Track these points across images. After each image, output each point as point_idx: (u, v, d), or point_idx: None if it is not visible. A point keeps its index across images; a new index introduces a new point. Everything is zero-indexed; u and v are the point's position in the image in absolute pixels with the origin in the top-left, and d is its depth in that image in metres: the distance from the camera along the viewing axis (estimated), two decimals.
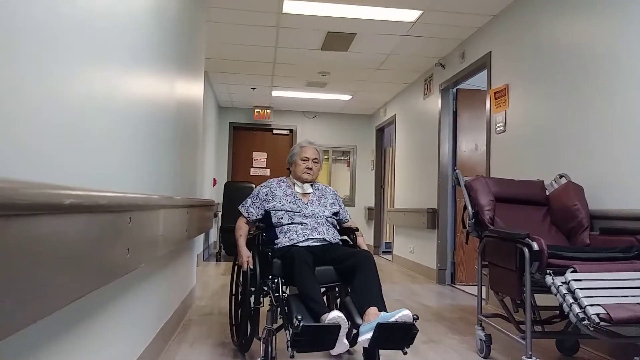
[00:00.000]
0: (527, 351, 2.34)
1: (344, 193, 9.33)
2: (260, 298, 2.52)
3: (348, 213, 2.99)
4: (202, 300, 4.23)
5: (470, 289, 5.10)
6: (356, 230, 2.87)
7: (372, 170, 8.98)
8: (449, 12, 4.42)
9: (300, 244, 2.63)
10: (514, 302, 2.68)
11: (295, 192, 2.85)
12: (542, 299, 2.77)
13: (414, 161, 6.71)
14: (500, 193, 2.97)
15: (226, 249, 7.08)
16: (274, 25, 4.86)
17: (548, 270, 2.26)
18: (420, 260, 6.26)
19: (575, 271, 2.20)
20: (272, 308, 2.46)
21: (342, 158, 9.50)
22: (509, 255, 2.48)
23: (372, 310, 2.21)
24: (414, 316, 2.13)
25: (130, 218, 1.55)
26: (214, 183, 7.92)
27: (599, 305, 2.05)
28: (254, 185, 6.40)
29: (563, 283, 2.18)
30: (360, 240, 2.81)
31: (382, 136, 8.75)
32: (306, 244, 2.64)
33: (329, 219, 2.81)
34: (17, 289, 0.85)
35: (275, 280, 2.46)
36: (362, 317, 2.21)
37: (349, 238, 2.86)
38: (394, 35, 5.06)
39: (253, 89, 7.50)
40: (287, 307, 2.28)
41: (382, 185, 8.68)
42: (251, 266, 2.61)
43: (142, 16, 1.97)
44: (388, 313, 2.17)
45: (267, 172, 8.87)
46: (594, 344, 2.87)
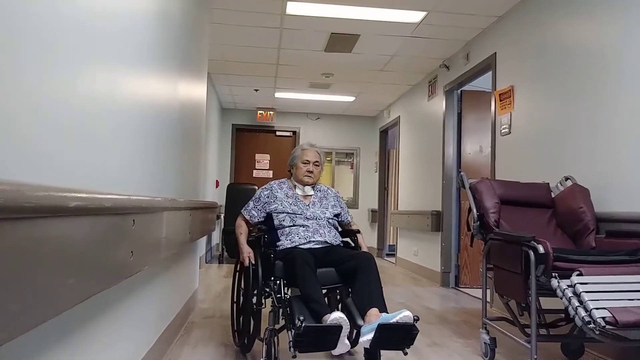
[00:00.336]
0: (533, 355, 2.32)
1: (348, 195, 9.32)
2: (262, 299, 2.54)
3: (350, 214, 2.99)
4: (204, 303, 4.22)
5: (475, 291, 5.08)
6: (357, 232, 2.88)
7: (376, 172, 8.97)
8: (453, 13, 4.41)
9: (302, 246, 2.65)
10: (519, 306, 2.66)
11: (297, 193, 2.86)
12: (547, 302, 2.75)
13: (418, 163, 6.69)
14: (506, 195, 2.96)
15: (228, 251, 7.07)
16: (278, 27, 4.85)
17: (554, 274, 2.25)
18: (424, 263, 6.24)
19: (581, 274, 2.18)
20: (274, 309, 2.47)
21: (346, 160, 9.49)
22: (514, 258, 2.47)
23: (373, 311, 2.23)
24: (415, 317, 2.15)
25: (134, 220, 1.54)
26: (217, 185, 7.92)
27: (604, 308, 2.03)
28: (256, 187, 6.38)
29: (569, 286, 2.16)
30: (360, 241, 2.82)
31: (386, 138, 8.74)
32: (308, 246, 2.66)
33: (330, 220, 2.83)
34: (23, 291, 0.85)
35: (278, 282, 2.48)
36: (363, 318, 2.23)
37: (351, 240, 2.86)
38: (398, 37, 5.06)
39: (256, 90, 7.50)
40: (289, 308, 2.30)
41: (386, 188, 8.67)
42: (253, 261, 2.64)
43: (145, 17, 1.97)
44: (389, 314, 2.19)
45: (270, 174, 8.87)
46: (600, 347, 2.85)
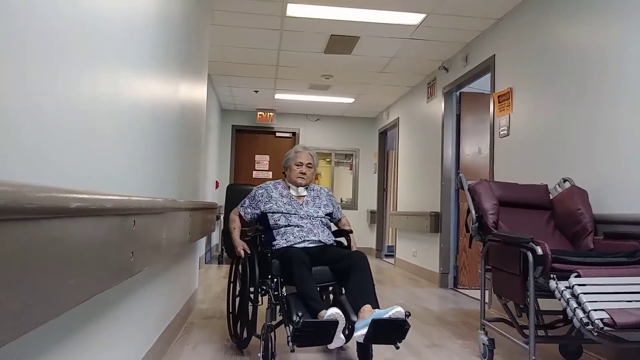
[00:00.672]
0: (531, 356, 2.33)
1: (347, 196, 9.33)
2: (259, 296, 2.65)
3: (341, 211, 3.13)
4: (204, 303, 4.23)
5: (473, 293, 5.09)
6: (350, 232, 3.00)
7: (375, 173, 8.98)
8: (452, 16, 4.43)
9: (297, 245, 2.75)
10: (517, 307, 2.67)
11: (291, 194, 2.99)
12: (545, 304, 2.76)
13: (416, 164, 6.70)
14: (504, 197, 2.97)
15: (228, 251, 7.05)
16: (278, 29, 4.87)
17: (552, 275, 2.26)
18: (422, 264, 6.25)
19: (579, 276, 2.19)
20: (271, 306, 2.55)
21: (345, 161, 9.50)
22: (512, 259, 2.48)
23: (367, 307, 2.35)
24: (406, 313, 2.26)
25: (134, 221, 1.55)
26: (217, 186, 7.92)
27: (602, 310, 2.04)
28: None
29: (567, 288, 2.17)
30: (352, 242, 2.95)
31: (385, 139, 8.75)
32: (302, 245, 2.77)
33: (323, 220, 2.95)
34: (24, 291, 0.86)
35: (275, 280, 2.56)
36: (356, 314, 2.35)
37: (346, 238, 2.98)
38: (397, 39, 5.07)
39: (256, 91, 7.51)
40: (286, 305, 2.39)
41: (385, 189, 8.68)
42: (248, 251, 2.78)
43: (147, 18, 1.98)
44: (382, 310, 2.30)
45: (269, 174, 8.87)
46: (598, 348, 2.86)
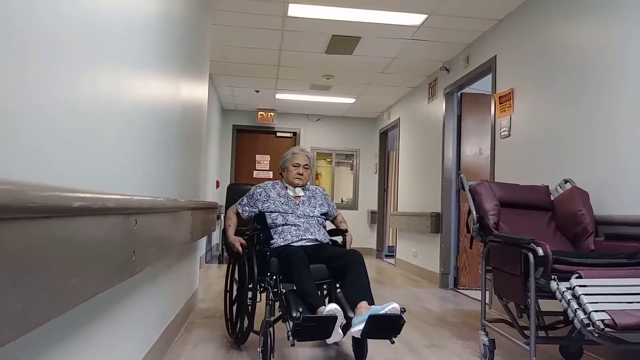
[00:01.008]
0: (531, 357, 2.33)
1: (347, 196, 9.33)
2: (257, 293, 2.75)
3: (336, 209, 3.24)
4: (204, 303, 4.23)
5: (473, 293, 5.09)
6: (345, 231, 3.09)
7: (376, 173, 8.98)
8: (454, 16, 4.43)
9: (295, 244, 2.84)
10: (518, 307, 2.67)
11: (288, 194, 3.08)
12: (545, 305, 2.76)
13: (417, 165, 6.70)
14: (505, 198, 2.97)
15: (228, 251, 7.06)
16: (279, 29, 4.87)
17: (553, 276, 2.25)
18: (423, 265, 6.25)
19: (580, 277, 2.19)
20: (270, 303, 2.62)
21: (346, 161, 9.50)
22: (513, 260, 2.48)
23: (363, 304, 2.43)
24: (402, 309, 2.36)
25: (136, 221, 1.55)
26: (217, 185, 7.93)
27: (603, 311, 2.03)
28: None
29: (568, 289, 2.17)
30: (348, 238, 3.04)
31: (386, 140, 8.75)
32: (300, 243, 2.85)
33: (319, 219, 3.05)
34: (27, 290, 0.86)
35: (274, 277, 2.63)
36: (353, 311, 2.43)
37: (342, 235, 3.08)
38: (398, 39, 5.07)
39: (257, 91, 7.51)
40: (286, 301, 2.47)
41: (386, 189, 8.68)
42: (245, 244, 2.87)
43: (148, 19, 1.98)
44: (378, 306, 2.39)
45: (270, 174, 8.87)
46: (598, 350, 2.86)
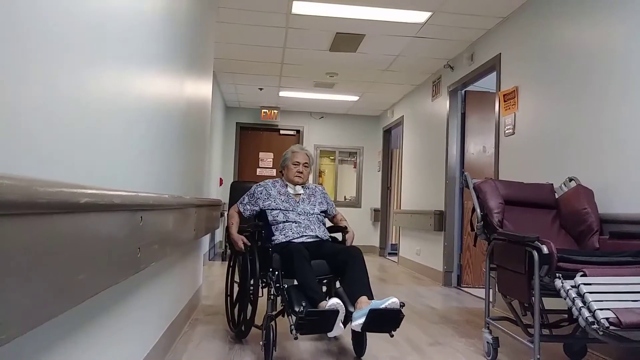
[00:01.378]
0: (535, 355, 2.33)
1: (350, 194, 9.32)
2: (259, 288, 2.81)
3: (335, 208, 3.31)
4: (208, 300, 4.24)
5: (477, 291, 5.08)
6: (344, 228, 3.16)
7: (379, 171, 8.97)
8: (458, 14, 4.41)
9: (296, 240, 2.90)
10: (522, 305, 2.66)
11: (288, 192, 3.14)
12: (549, 303, 2.76)
13: (421, 163, 6.70)
14: (509, 196, 2.96)
15: (231, 248, 7.07)
16: (283, 26, 4.86)
17: (557, 274, 2.25)
18: (426, 263, 6.25)
19: (584, 275, 2.19)
20: (272, 297, 2.67)
21: (349, 159, 9.49)
22: (518, 258, 2.47)
23: (363, 298, 2.50)
24: (401, 303, 2.42)
25: (141, 217, 1.55)
26: (220, 183, 7.94)
27: (608, 309, 2.03)
28: None
29: (572, 287, 2.16)
30: (347, 225, 3.15)
31: (389, 137, 8.74)
32: (300, 240, 2.92)
33: (319, 216, 3.12)
34: (34, 286, 0.86)
35: (276, 273, 2.68)
36: (353, 305, 2.49)
37: (342, 231, 3.16)
38: (402, 37, 5.06)
39: (260, 89, 7.51)
40: (288, 296, 2.53)
41: (389, 187, 8.67)
42: (247, 243, 2.93)
43: (153, 17, 1.98)
44: (378, 301, 2.44)
45: (273, 172, 8.88)
46: (602, 348, 2.85)
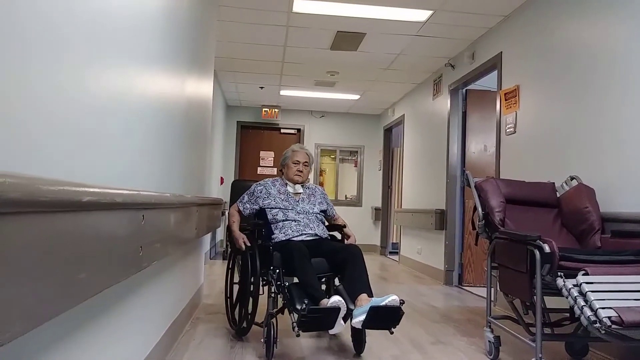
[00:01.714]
0: (537, 354, 2.33)
1: (351, 193, 9.32)
2: (259, 286, 2.83)
3: (335, 210, 3.33)
4: (209, 299, 4.24)
5: (478, 290, 5.08)
6: (344, 227, 3.18)
7: (380, 170, 8.97)
8: (459, 12, 4.41)
9: (295, 239, 2.93)
10: (524, 304, 2.67)
11: (288, 191, 3.16)
12: (551, 301, 2.76)
13: (422, 162, 6.69)
14: (511, 195, 2.96)
15: (232, 246, 7.07)
16: (284, 25, 4.86)
17: (559, 273, 2.25)
18: (427, 261, 6.25)
19: (586, 274, 2.18)
20: (272, 295, 2.71)
21: (350, 158, 9.49)
22: (519, 257, 2.47)
23: (363, 296, 2.53)
24: (401, 300, 2.46)
25: (143, 216, 1.55)
26: (221, 181, 7.94)
27: (610, 308, 2.03)
28: None
29: (574, 285, 2.16)
30: (348, 230, 3.15)
31: (390, 136, 8.74)
32: (300, 238, 2.94)
33: (318, 215, 3.14)
34: (37, 284, 0.86)
35: (277, 271, 2.70)
36: (353, 303, 2.52)
37: (339, 231, 3.19)
38: (403, 35, 5.05)
39: (261, 88, 7.51)
40: (289, 294, 2.55)
41: (390, 186, 8.67)
42: (248, 244, 2.94)
43: (154, 16, 1.98)
44: (378, 298, 2.49)
45: (274, 171, 8.87)
46: (604, 347, 2.85)
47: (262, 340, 2.62)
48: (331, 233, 3.17)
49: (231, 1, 4.31)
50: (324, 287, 2.97)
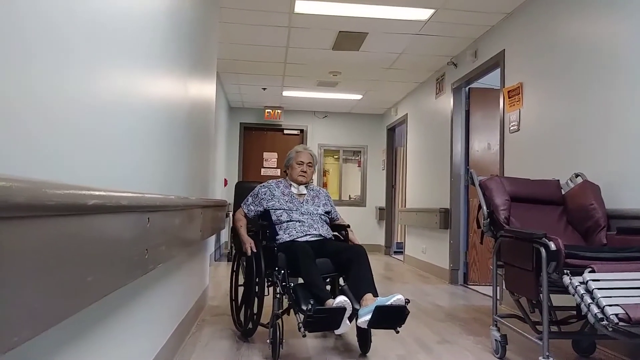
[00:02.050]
0: (544, 352, 2.32)
1: (355, 193, 9.31)
2: (264, 287, 2.83)
3: (338, 213, 3.35)
4: (214, 301, 4.25)
5: (484, 289, 5.07)
6: (347, 227, 3.18)
7: (383, 170, 8.96)
8: (461, 11, 4.40)
9: (300, 239, 2.92)
10: (530, 303, 2.66)
11: (292, 192, 3.16)
12: (557, 299, 2.75)
13: (425, 161, 6.68)
14: (516, 192, 2.95)
15: (237, 247, 7.06)
16: (286, 25, 4.86)
17: (565, 271, 2.24)
18: (432, 261, 6.24)
19: (593, 271, 2.18)
20: (278, 296, 2.69)
21: (353, 158, 9.48)
22: (525, 255, 2.46)
23: (369, 296, 2.54)
24: (406, 300, 2.46)
25: (148, 218, 1.55)
26: (225, 183, 7.94)
27: (617, 305, 2.02)
28: None
29: (581, 283, 2.15)
30: (351, 235, 3.14)
31: (393, 136, 8.73)
32: (304, 239, 2.94)
33: (322, 216, 3.14)
34: (44, 288, 0.86)
35: (282, 272, 2.70)
36: (359, 303, 2.52)
37: (340, 234, 3.18)
38: (405, 34, 5.05)
39: (264, 89, 7.51)
40: (295, 295, 2.55)
41: (394, 185, 8.66)
42: (254, 250, 2.91)
43: (156, 17, 1.98)
44: (383, 298, 2.49)
45: (277, 172, 8.87)
46: (611, 344, 2.84)
47: (268, 341, 2.64)
48: (335, 233, 3.18)
49: (233, 3, 4.32)
50: (328, 287, 2.97)
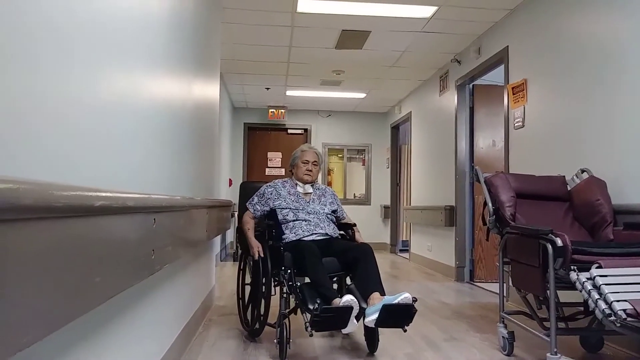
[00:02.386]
0: (552, 348, 2.31)
1: (360, 191, 9.31)
2: (271, 287, 2.82)
3: (345, 211, 3.32)
4: (221, 301, 4.25)
5: (490, 286, 5.06)
6: (354, 225, 3.18)
7: (388, 168, 8.95)
8: (464, 8, 4.39)
9: (306, 238, 2.92)
10: (537, 299, 2.64)
11: (298, 191, 3.16)
12: (564, 296, 2.73)
13: (430, 158, 6.67)
14: (521, 189, 2.94)
15: (243, 248, 7.08)
16: (289, 25, 4.86)
17: (572, 267, 2.24)
18: (438, 258, 6.23)
19: (600, 267, 2.17)
20: (284, 296, 2.70)
21: (357, 156, 9.48)
22: (531, 251, 2.45)
23: (376, 294, 2.54)
24: (413, 298, 2.46)
25: (154, 219, 1.56)
26: (230, 183, 7.95)
27: (625, 300, 2.01)
28: None
29: (588, 279, 2.15)
30: (357, 235, 3.12)
31: (398, 134, 8.72)
32: (311, 238, 2.94)
33: (329, 215, 3.13)
34: (52, 290, 0.87)
35: (289, 271, 2.70)
36: (366, 301, 2.52)
37: (347, 233, 3.18)
38: (408, 32, 5.04)
39: (267, 89, 7.52)
40: (301, 294, 2.56)
41: (398, 183, 8.65)
42: (262, 254, 2.92)
43: (160, 18, 1.99)
44: (390, 296, 2.48)
45: (282, 171, 8.88)
46: (619, 340, 2.83)
47: (275, 340, 2.64)
48: (341, 232, 3.18)
49: (235, 3, 4.32)
50: (335, 286, 2.97)
